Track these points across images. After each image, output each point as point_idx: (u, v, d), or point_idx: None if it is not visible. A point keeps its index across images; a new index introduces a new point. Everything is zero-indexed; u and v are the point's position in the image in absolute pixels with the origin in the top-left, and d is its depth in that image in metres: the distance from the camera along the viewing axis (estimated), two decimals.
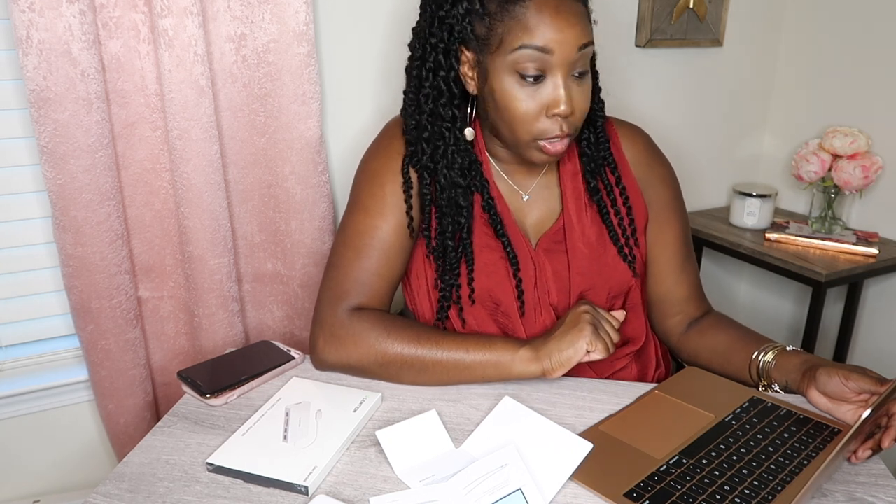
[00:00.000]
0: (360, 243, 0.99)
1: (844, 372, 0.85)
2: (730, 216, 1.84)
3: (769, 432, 0.83)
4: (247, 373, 0.97)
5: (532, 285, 1.00)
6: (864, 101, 1.74)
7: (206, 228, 1.26)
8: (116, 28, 1.16)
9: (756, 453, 0.79)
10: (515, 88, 0.89)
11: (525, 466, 0.74)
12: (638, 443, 0.81)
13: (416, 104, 0.97)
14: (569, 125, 0.91)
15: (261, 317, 1.44)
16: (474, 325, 1.01)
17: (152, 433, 0.85)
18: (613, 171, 1.04)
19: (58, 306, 1.36)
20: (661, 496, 0.72)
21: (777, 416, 0.86)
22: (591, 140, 1.03)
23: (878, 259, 1.62)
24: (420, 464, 0.78)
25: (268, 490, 0.75)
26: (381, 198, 0.99)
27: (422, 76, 0.96)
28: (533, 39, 0.85)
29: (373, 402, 0.90)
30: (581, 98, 0.91)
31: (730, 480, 0.75)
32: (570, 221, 1.02)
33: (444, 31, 0.92)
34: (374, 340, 0.93)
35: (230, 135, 1.29)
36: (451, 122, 0.96)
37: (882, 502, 0.73)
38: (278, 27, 1.24)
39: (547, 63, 0.87)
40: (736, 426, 0.84)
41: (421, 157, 0.98)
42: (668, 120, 1.83)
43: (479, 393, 0.93)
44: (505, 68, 0.88)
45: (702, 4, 1.73)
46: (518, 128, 0.91)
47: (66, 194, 1.16)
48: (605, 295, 1.02)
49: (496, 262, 1.00)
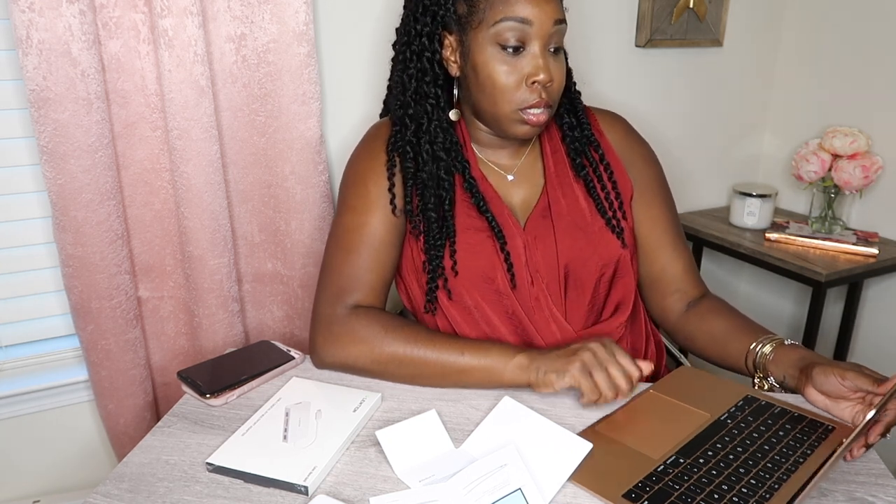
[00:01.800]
0: (350, 241, 1.01)
1: (840, 370, 0.85)
2: (730, 216, 1.84)
3: (764, 430, 0.83)
4: (247, 373, 0.97)
5: (522, 261, 1.02)
6: (864, 101, 1.74)
7: (206, 228, 1.26)
8: (116, 28, 1.16)
9: (752, 452, 0.79)
10: (497, 60, 0.95)
11: (525, 466, 0.74)
12: (634, 443, 0.81)
13: (402, 85, 1.02)
14: (548, 94, 0.96)
15: (261, 317, 1.44)
16: (460, 297, 1.02)
17: (152, 433, 0.85)
18: (597, 150, 1.08)
19: (58, 306, 1.36)
20: (659, 496, 0.72)
21: (772, 414, 0.86)
22: (574, 123, 1.09)
23: (878, 259, 1.62)
24: (420, 464, 0.78)
25: (268, 490, 0.75)
26: (366, 196, 1.03)
27: (406, 58, 1.02)
28: (514, 11, 0.92)
29: (373, 402, 0.90)
30: (558, 71, 0.97)
31: (727, 479, 0.74)
32: (556, 196, 1.05)
33: (427, 17, 0.98)
34: (371, 339, 0.95)
35: (230, 135, 1.29)
36: (435, 99, 1.01)
37: (882, 502, 0.73)
38: (278, 27, 1.24)
39: (526, 34, 0.93)
40: (731, 425, 0.84)
41: (405, 134, 1.02)
42: (668, 120, 1.83)
43: (480, 393, 0.93)
44: (487, 41, 0.94)
45: (702, 4, 1.73)
46: (499, 98, 0.96)
47: (66, 194, 1.16)
48: (595, 265, 1.04)
49: (483, 241, 1.01)
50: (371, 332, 0.95)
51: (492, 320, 1.02)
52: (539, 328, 1.02)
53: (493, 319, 1.02)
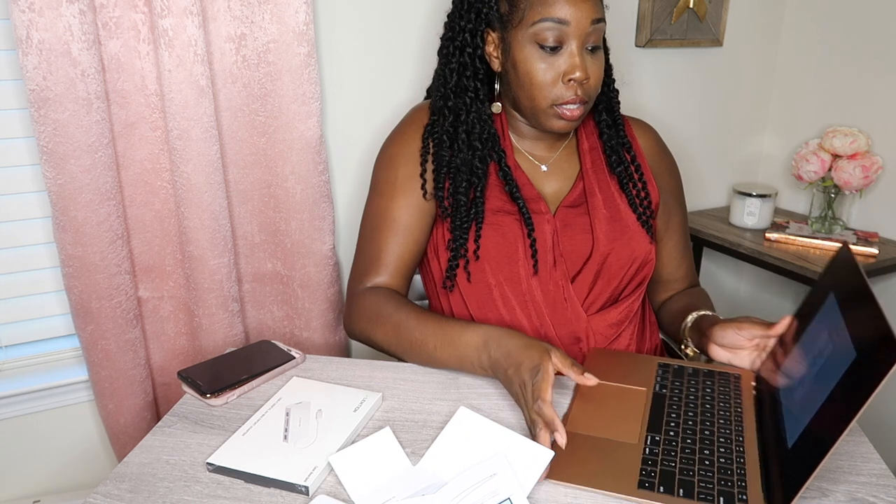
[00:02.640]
0: (375, 225, 1.07)
1: (736, 323, 0.94)
2: (730, 216, 1.84)
3: (695, 391, 0.91)
4: (247, 373, 0.97)
5: (548, 246, 1.04)
6: (864, 101, 1.74)
7: (206, 228, 1.26)
8: (116, 28, 1.16)
9: (701, 413, 0.86)
10: (535, 58, 0.98)
11: (514, 475, 0.72)
12: (605, 432, 0.82)
13: (443, 78, 1.06)
14: (584, 91, 0.99)
15: (261, 317, 1.44)
16: (482, 276, 1.05)
17: (152, 433, 0.85)
18: (629, 151, 1.13)
19: (58, 306, 1.36)
20: (666, 479, 0.74)
21: (688, 374, 0.95)
22: (610, 122, 1.13)
23: (878, 259, 1.62)
24: (377, 486, 0.75)
25: (268, 490, 0.75)
26: (395, 181, 1.07)
27: (450, 53, 1.05)
28: (552, 12, 0.95)
29: (373, 401, 0.90)
30: (595, 68, 1.00)
31: (702, 444, 0.80)
32: (591, 187, 1.09)
33: (471, 13, 1.02)
34: (370, 318, 1.02)
35: (230, 135, 1.29)
36: (475, 93, 1.05)
37: (882, 502, 0.73)
38: (278, 27, 1.24)
39: (564, 34, 0.96)
40: (669, 394, 0.90)
41: (443, 124, 1.06)
42: (668, 120, 1.83)
43: (481, 393, 0.93)
44: (526, 40, 0.98)
45: (702, 4, 1.73)
46: (537, 94, 1.00)
47: (66, 194, 1.16)
48: (627, 258, 1.07)
49: (511, 223, 1.04)
50: (368, 313, 1.02)
51: (510, 301, 1.05)
52: (552, 313, 1.05)
53: (512, 300, 1.05)
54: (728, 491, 0.73)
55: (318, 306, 1.41)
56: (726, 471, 0.76)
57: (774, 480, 0.73)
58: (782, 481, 0.71)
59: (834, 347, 0.74)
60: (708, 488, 0.73)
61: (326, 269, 1.40)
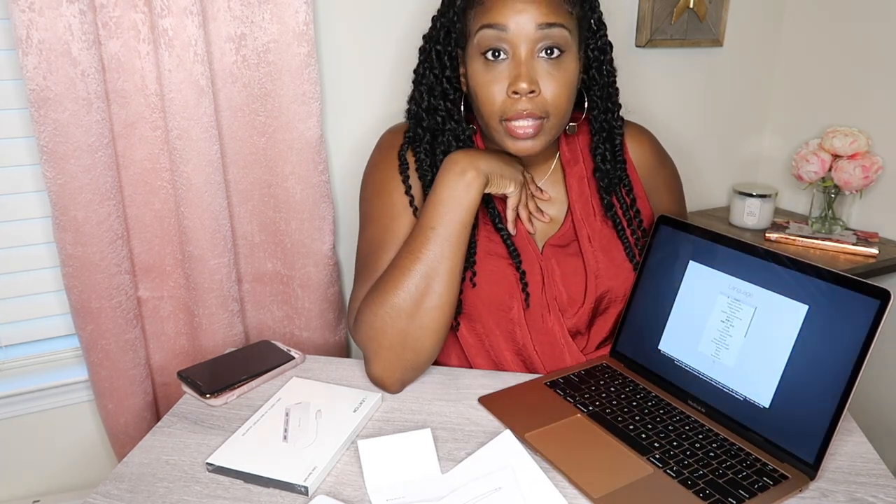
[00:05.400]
0: (374, 249, 1.01)
1: None
2: (730, 216, 1.84)
3: (604, 387, 0.94)
4: (247, 373, 0.97)
5: (539, 288, 1.00)
6: (864, 101, 1.74)
7: (206, 228, 1.26)
8: (116, 28, 1.16)
9: (648, 414, 0.88)
10: (481, 70, 0.92)
11: (519, 491, 0.71)
12: (617, 478, 0.77)
13: (419, 96, 1.04)
14: (535, 105, 0.89)
15: (261, 317, 1.44)
16: (472, 326, 1.02)
17: (152, 433, 0.85)
18: (629, 193, 1.05)
19: (58, 306, 1.36)
20: (677, 460, 0.78)
21: (579, 380, 0.97)
22: (608, 157, 1.03)
23: (878, 259, 1.61)
24: (394, 483, 0.74)
25: (268, 490, 0.75)
26: (391, 205, 1.02)
27: (421, 73, 1.03)
28: (489, 18, 0.89)
29: (373, 402, 0.90)
30: (550, 79, 0.90)
31: (702, 444, 0.82)
32: (580, 223, 1.03)
33: (441, 33, 0.99)
34: (366, 321, 0.95)
35: (230, 135, 1.29)
36: (446, 112, 1.01)
37: (882, 502, 0.73)
38: (278, 27, 1.24)
39: (505, 40, 0.89)
40: (599, 410, 0.89)
41: (421, 141, 1.03)
42: (668, 120, 1.83)
43: (481, 393, 0.93)
44: (473, 53, 0.93)
45: (702, 4, 1.73)
46: (485, 110, 0.93)
47: (66, 194, 1.16)
48: (622, 295, 1.03)
49: (504, 268, 1.00)
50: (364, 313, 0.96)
51: (500, 347, 1.01)
52: (545, 360, 1.01)
53: (502, 346, 1.01)
54: (755, 475, 0.76)
55: (318, 306, 1.41)
56: (734, 454, 0.79)
57: (777, 441, 0.78)
58: (789, 439, 0.78)
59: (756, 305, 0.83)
60: (745, 476, 0.76)
61: (326, 269, 1.40)
